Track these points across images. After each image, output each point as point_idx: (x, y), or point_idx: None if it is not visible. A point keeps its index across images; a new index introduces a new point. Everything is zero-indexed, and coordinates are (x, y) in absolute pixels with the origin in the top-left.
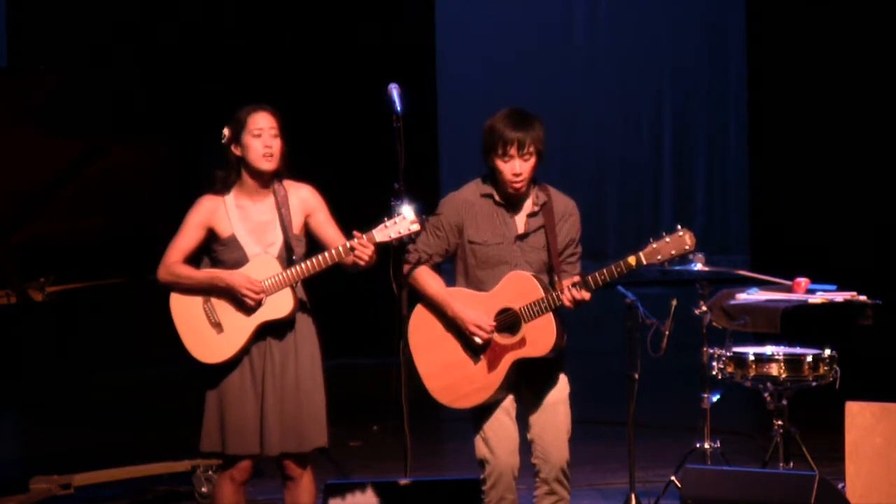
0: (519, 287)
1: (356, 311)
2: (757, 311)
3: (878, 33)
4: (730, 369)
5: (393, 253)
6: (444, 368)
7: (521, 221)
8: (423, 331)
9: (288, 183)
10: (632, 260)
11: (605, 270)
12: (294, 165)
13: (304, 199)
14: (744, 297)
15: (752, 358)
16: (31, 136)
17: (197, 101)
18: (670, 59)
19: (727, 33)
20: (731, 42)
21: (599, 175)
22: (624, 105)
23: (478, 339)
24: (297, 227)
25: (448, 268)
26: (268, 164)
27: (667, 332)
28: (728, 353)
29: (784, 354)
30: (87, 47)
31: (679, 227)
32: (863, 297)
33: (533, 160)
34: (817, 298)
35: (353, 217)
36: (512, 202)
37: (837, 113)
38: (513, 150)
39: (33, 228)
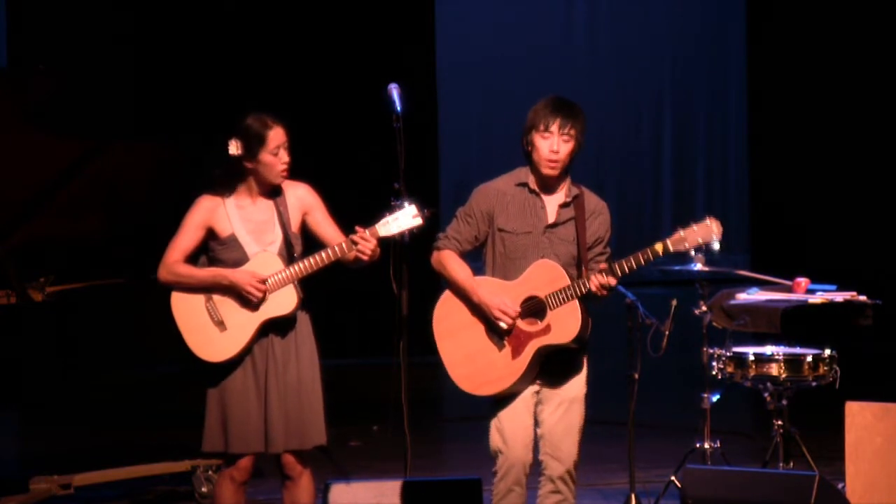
0: (545, 275)
1: (356, 311)
2: (757, 311)
3: (878, 33)
4: (730, 369)
5: (393, 253)
6: (468, 355)
7: (552, 211)
8: (448, 318)
9: (284, 182)
10: (658, 247)
11: (630, 258)
12: (294, 166)
13: (302, 198)
14: (744, 297)
15: (752, 358)
16: (31, 136)
17: (197, 102)
18: (670, 59)
19: (727, 33)
20: (731, 42)
21: (599, 174)
22: (624, 105)
23: (502, 325)
24: (295, 225)
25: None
26: (283, 179)
27: (667, 332)
28: (728, 353)
29: (784, 354)
30: (87, 47)
31: (707, 216)
32: (863, 297)
33: (571, 145)
34: (817, 298)
35: (354, 218)
36: (546, 189)
37: (837, 113)
38: (554, 127)
39: (33, 228)
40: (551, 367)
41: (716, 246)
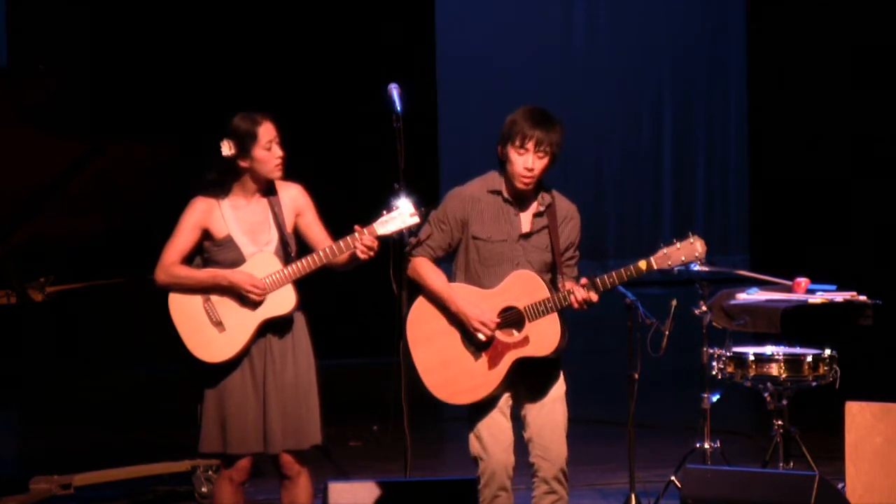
0: (524, 286)
1: (356, 311)
2: (757, 311)
3: (878, 33)
4: (730, 369)
5: (392, 253)
6: (443, 363)
7: (526, 220)
8: (422, 325)
9: (278, 182)
10: (642, 264)
11: (614, 273)
12: (293, 166)
13: (295, 199)
14: (744, 297)
15: (752, 358)
16: (31, 136)
17: (197, 101)
18: (670, 58)
19: (727, 33)
20: (732, 42)
21: (599, 175)
22: (624, 105)
23: (481, 336)
24: (290, 225)
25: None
26: (279, 173)
27: (667, 332)
28: (728, 353)
29: (784, 354)
30: (87, 47)
31: (690, 234)
32: (863, 297)
33: (546, 160)
34: (817, 298)
35: (354, 217)
36: (520, 199)
37: (837, 113)
38: (530, 145)
39: (33, 228)
40: (528, 372)
41: (697, 265)
